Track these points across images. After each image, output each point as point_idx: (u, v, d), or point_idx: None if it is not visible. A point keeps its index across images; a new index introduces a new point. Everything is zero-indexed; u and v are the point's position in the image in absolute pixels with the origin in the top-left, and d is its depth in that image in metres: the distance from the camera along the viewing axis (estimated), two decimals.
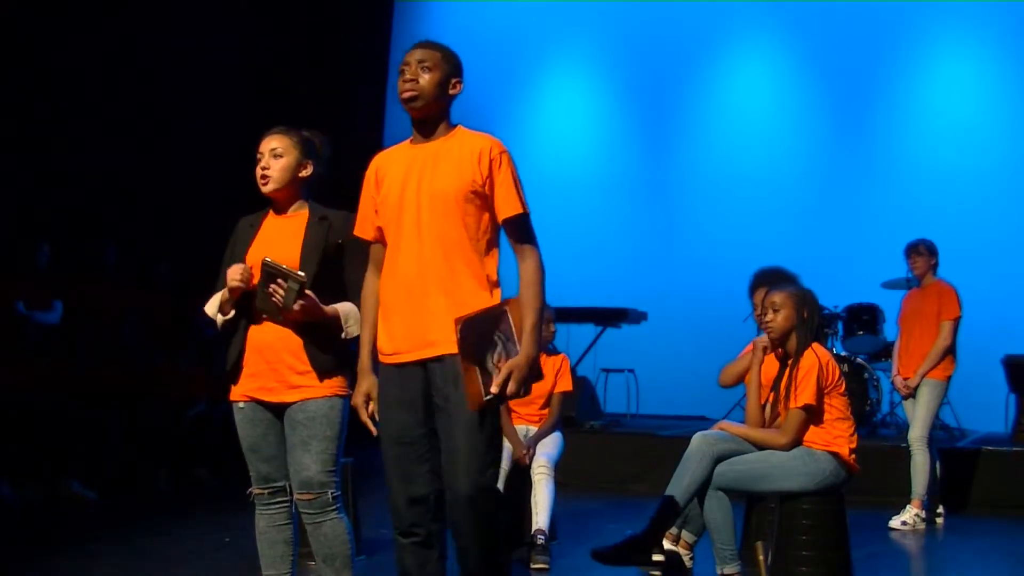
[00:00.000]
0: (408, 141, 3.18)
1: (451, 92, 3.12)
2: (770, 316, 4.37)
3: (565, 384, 5.51)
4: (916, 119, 10.33)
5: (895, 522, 6.36)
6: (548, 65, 11.67)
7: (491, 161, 3.03)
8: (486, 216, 3.04)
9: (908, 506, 6.41)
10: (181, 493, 7.44)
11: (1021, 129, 9.88)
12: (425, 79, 3.06)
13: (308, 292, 3.26)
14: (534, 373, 2.98)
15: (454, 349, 2.92)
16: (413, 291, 3.01)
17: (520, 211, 3.04)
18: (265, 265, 3.25)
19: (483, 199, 3.02)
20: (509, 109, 11.41)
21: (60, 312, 7.64)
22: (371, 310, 3.17)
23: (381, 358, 3.10)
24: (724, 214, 10.64)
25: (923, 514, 6.40)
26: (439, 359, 2.99)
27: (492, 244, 3.08)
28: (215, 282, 3.47)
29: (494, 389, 2.89)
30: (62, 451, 6.93)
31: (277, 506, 3.45)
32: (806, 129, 10.68)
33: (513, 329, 2.98)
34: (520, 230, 3.05)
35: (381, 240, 3.15)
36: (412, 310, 3.01)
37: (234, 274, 3.32)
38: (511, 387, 2.91)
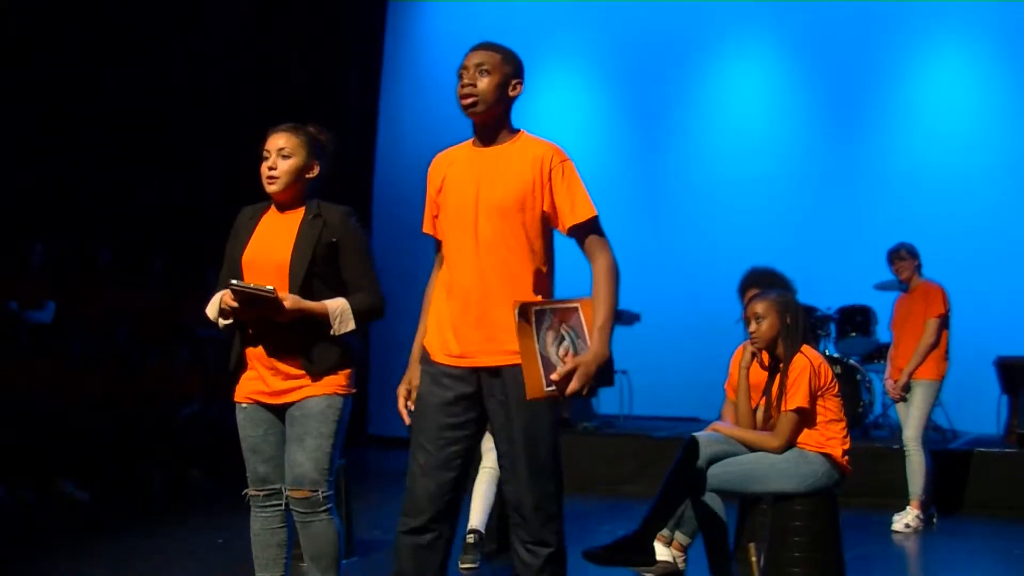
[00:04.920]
0: (470, 142, 3.15)
1: (511, 94, 3.09)
2: (753, 326, 4.38)
3: None
4: (909, 121, 10.33)
5: (898, 524, 6.35)
6: (541, 66, 11.63)
7: (551, 170, 3.00)
8: (543, 225, 3.02)
9: (908, 507, 6.42)
10: (174, 494, 7.43)
11: (1014, 131, 9.89)
12: (484, 83, 3.03)
13: (284, 297, 3.24)
14: (603, 375, 2.87)
15: (511, 361, 2.91)
16: (471, 299, 3.00)
17: (593, 214, 3.00)
18: (233, 290, 3.23)
19: (540, 208, 3.00)
20: None
21: (52, 312, 7.63)
22: (428, 304, 3.17)
23: (432, 357, 3.08)
24: (717, 215, 10.64)
25: (922, 515, 6.41)
26: (495, 372, 2.98)
27: (549, 254, 3.06)
28: (205, 278, 3.49)
29: (555, 377, 2.81)
30: (55, 451, 6.92)
31: (272, 509, 3.45)
32: (799, 130, 10.69)
33: (585, 327, 2.90)
34: (593, 233, 3.01)
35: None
36: (470, 319, 3.00)
37: (228, 306, 3.30)
38: (574, 383, 2.81)
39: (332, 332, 3.34)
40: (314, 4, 11.30)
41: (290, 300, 3.26)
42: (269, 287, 3.21)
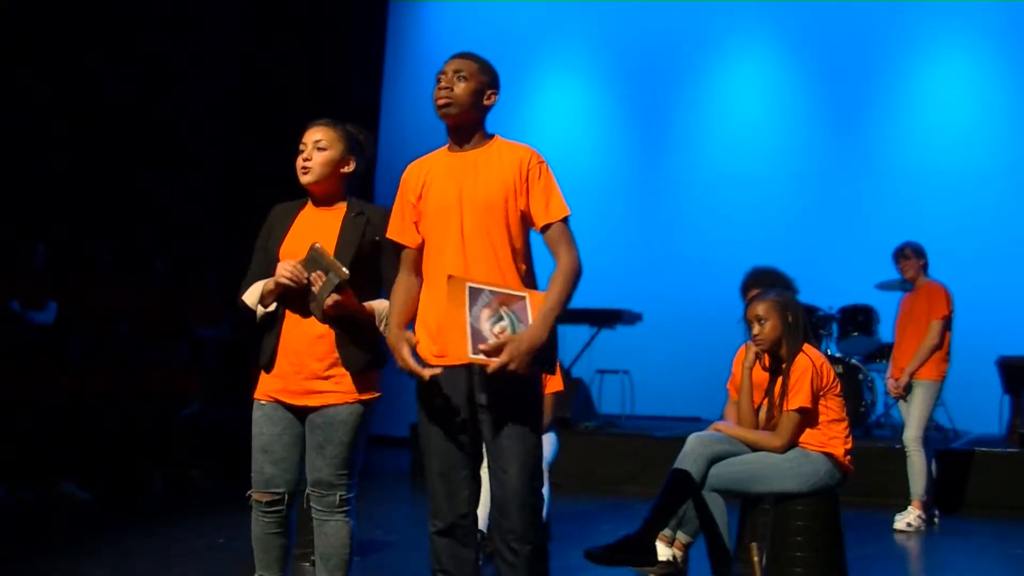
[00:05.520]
0: (444, 149, 3.21)
1: (486, 103, 3.18)
2: (756, 329, 4.37)
3: (556, 384, 5.48)
4: (910, 120, 10.33)
5: (900, 524, 6.36)
6: (542, 66, 11.66)
7: (529, 171, 3.10)
8: (523, 225, 3.12)
9: (909, 507, 6.42)
10: (175, 494, 7.43)
11: (1015, 130, 9.90)
12: (460, 88, 3.11)
13: (347, 289, 3.22)
14: (539, 358, 2.92)
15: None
16: None
17: (565, 214, 3.11)
18: (312, 250, 3.20)
19: (519, 208, 3.09)
20: (503, 110, 11.29)
21: (54, 312, 7.62)
22: (400, 303, 3.17)
23: (426, 359, 3.12)
24: (719, 215, 10.64)
25: (923, 515, 6.41)
26: (481, 367, 3.00)
27: (529, 253, 3.16)
28: (205, 279, 3.44)
29: (483, 347, 2.88)
30: (56, 452, 6.91)
31: (273, 515, 3.40)
32: (801, 130, 10.69)
33: (529, 315, 2.97)
34: (562, 232, 3.11)
35: (415, 245, 3.18)
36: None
37: (284, 271, 3.25)
38: (503, 357, 2.87)
39: (381, 332, 3.32)
40: (314, 4, 11.30)
41: (347, 296, 3.24)
42: (344, 268, 3.20)
